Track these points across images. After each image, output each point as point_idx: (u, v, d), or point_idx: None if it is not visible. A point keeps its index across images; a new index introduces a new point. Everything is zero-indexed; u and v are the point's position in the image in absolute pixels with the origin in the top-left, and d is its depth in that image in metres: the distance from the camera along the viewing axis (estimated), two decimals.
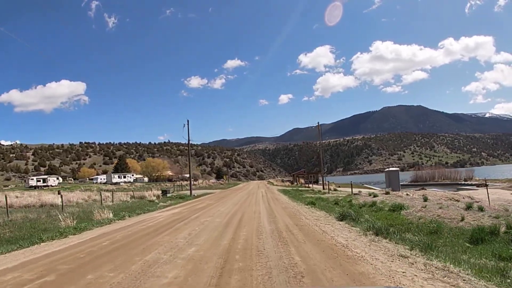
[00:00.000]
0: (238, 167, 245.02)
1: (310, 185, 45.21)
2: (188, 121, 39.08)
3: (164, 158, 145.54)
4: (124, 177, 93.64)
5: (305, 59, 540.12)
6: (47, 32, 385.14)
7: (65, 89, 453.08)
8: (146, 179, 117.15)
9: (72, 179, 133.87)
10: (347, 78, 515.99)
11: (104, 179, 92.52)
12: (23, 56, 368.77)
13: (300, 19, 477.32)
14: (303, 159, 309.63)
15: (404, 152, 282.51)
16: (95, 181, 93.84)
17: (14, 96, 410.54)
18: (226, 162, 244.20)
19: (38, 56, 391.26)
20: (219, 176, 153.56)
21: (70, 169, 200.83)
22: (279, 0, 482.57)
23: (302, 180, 49.32)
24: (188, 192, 44.43)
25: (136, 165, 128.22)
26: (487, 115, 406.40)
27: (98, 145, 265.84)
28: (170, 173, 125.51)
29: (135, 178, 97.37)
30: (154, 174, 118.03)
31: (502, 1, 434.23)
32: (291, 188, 41.24)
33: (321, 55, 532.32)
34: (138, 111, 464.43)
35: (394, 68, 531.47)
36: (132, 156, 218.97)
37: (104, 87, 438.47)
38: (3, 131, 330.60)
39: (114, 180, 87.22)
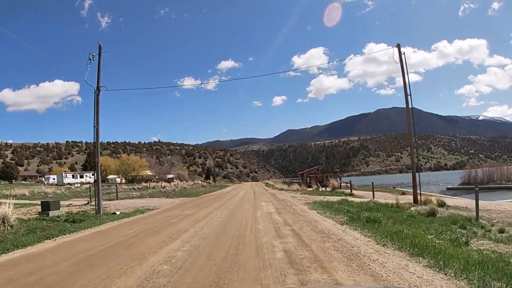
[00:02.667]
0: (231, 168, 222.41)
1: (355, 192, 23.34)
2: (100, 46, 16.44)
3: (145, 156, 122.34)
4: (81, 176, 71.09)
5: (298, 60, 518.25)
6: (40, 31, 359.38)
7: (59, 89, 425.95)
8: (118, 179, 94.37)
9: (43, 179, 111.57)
10: (341, 80, 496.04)
11: (54, 179, 69.72)
12: (16, 56, 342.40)
13: (294, 21, 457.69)
14: (298, 160, 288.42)
15: (402, 153, 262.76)
16: (46, 182, 71.00)
17: (6, 95, 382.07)
18: (218, 163, 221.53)
19: (31, 55, 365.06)
20: (209, 177, 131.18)
21: (48, 168, 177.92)
22: (274, 2, 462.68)
23: (335, 182, 26.96)
24: (126, 205, 22.35)
25: (113, 164, 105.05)
26: (480, 118, 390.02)
27: (84, 144, 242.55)
28: (150, 173, 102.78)
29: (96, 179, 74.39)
30: (129, 174, 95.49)
31: (496, 4, 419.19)
32: (322, 196, 19.14)
33: (314, 57, 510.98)
34: (131, 112, 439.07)
35: (387, 71, 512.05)
36: (118, 155, 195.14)
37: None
38: None
39: (66, 180, 64.65)
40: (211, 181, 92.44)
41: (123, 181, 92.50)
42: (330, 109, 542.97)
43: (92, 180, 75.36)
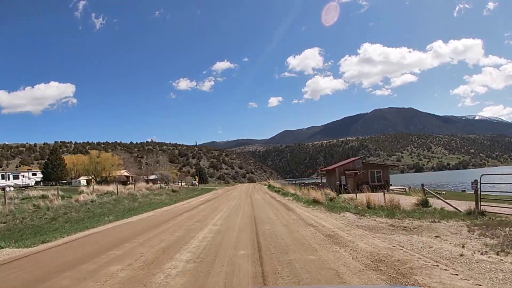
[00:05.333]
0: (226, 168, 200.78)
1: None
2: None
3: (122, 154, 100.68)
4: (16, 177, 49.99)
5: (293, 61, 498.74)
6: (36, 33, 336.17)
7: (54, 91, 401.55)
8: (84, 181, 72.82)
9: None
10: (336, 81, 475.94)
11: None
12: (12, 57, 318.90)
13: (289, 22, 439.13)
14: (295, 161, 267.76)
15: (402, 153, 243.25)
16: None
17: (1, 97, 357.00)
18: (213, 163, 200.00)
19: (27, 57, 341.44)
20: (199, 177, 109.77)
21: (28, 169, 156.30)
22: (268, 3, 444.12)
23: None
24: None
25: (82, 162, 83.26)
26: (476, 118, 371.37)
27: (74, 144, 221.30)
28: (126, 173, 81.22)
29: (40, 179, 54.85)
30: (97, 175, 74.02)
31: (491, 4, 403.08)
32: None
33: (309, 58, 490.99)
34: (126, 113, 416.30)
35: (382, 71, 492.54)
36: None
37: (93, 89, 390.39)
38: None
39: None
40: (196, 183, 71.23)
41: (94, 183, 71.24)
42: (326, 110, 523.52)
43: (33, 182, 53.96)
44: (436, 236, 6.39)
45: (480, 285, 3.68)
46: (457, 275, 4.03)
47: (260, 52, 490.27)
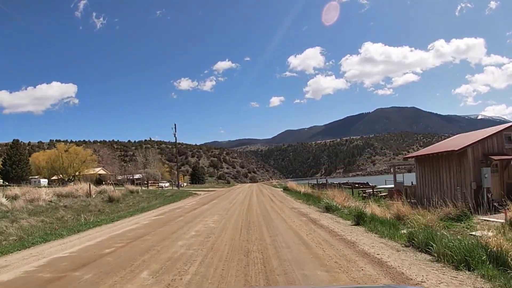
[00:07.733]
0: (227, 168, 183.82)
1: None
2: None
3: (100, 148, 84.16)
4: None
5: (294, 61, 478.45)
6: (37, 33, 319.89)
7: (56, 90, 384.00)
8: (45, 180, 56.20)
9: None
10: (338, 81, 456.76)
11: None
12: (13, 57, 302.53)
13: (290, 21, 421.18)
14: (298, 160, 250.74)
15: (408, 152, 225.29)
16: None
17: (2, 97, 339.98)
18: (213, 162, 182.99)
19: (28, 57, 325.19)
20: (195, 177, 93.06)
21: None
22: (270, 2, 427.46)
23: None
24: None
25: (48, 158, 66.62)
26: (479, 117, 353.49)
27: (69, 142, 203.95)
28: (103, 171, 64.60)
29: None
30: (64, 174, 57.32)
31: (493, 3, 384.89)
32: None
33: (310, 57, 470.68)
34: (127, 113, 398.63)
35: (384, 71, 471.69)
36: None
37: (94, 89, 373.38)
38: None
39: None
40: (182, 183, 54.12)
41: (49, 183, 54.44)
42: (327, 110, 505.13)
43: None
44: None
45: None
46: None
47: (261, 51, 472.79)
